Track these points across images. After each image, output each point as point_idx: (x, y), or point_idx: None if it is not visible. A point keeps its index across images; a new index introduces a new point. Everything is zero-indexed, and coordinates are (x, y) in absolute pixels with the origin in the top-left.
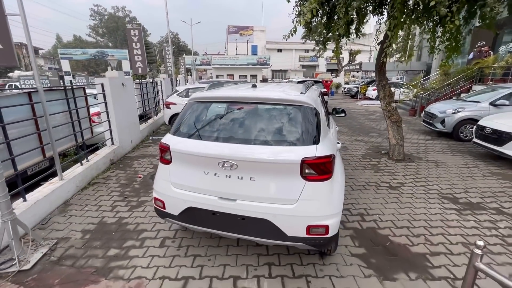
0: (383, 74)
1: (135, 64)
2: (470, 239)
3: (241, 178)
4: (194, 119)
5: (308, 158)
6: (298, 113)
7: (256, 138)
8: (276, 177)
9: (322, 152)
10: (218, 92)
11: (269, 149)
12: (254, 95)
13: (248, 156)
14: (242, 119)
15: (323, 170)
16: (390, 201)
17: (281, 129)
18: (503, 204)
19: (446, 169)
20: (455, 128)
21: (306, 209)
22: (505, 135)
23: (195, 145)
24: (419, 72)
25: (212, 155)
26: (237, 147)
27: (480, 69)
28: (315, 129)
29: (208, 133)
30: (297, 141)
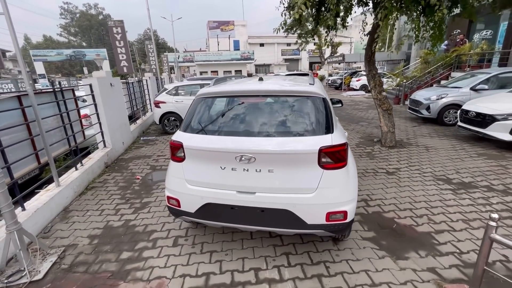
0: (372, 64)
1: (119, 63)
2: (468, 215)
3: (259, 171)
4: (205, 115)
5: (325, 147)
6: (310, 103)
7: (271, 130)
8: (294, 167)
9: (337, 141)
10: (227, 86)
11: (286, 140)
12: (265, 88)
13: (266, 148)
14: (255, 112)
15: (338, 158)
16: (390, 186)
17: (295, 120)
18: (492, 182)
19: (436, 153)
20: (440, 113)
21: (325, 196)
22: (488, 117)
23: (210, 141)
24: (399, 62)
25: (229, 150)
26: (254, 140)
27: (457, 56)
28: (328, 118)
29: (222, 127)
30: (312, 131)
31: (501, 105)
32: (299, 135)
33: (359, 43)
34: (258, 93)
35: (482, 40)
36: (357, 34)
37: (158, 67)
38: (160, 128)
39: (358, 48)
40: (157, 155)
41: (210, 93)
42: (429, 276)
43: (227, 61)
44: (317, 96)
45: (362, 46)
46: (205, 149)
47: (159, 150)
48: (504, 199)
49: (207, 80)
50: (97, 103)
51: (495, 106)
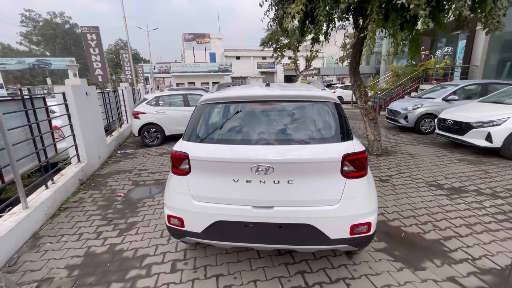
0: (357, 75)
1: (94, 72)
2: (468, 220)
3: (277, 182)
4: (212, 122)
5: (348, 154)
6: (326, 109)
7: (288, 138)
8: (316, 177)
9: (359, 148)
10: (234, 91)
11: (307, 148)
12: (275, 93)
13: (286, 157)
14: (268, 119)
15: (360, 166)
16: (387, 194)
17: (313, 127)
18: (479, 186)
19: (421, 159)
20: (417, 122)
21: (349, 208)
22: (464, 125)
23: (221, 151)
24: (370, 75)
25: (244, 160)
26: (271, 148)
27: (424, 70)
28: (345, 124)
29: (232, 135)
30: (333, 138)
31: (476, 114)
32: (320, 142)
33: (330, 57)
34: (270, 98)
35: (444, 56)
36: (328, 49)
37: (134, 77)
38: (139, 141)
39: (329, 62)
40: (138, 170)
41: (215, 98)
42: (452, 286)
43: (205, 73)
44: (332, 102)
45: (333, 60)
46: (216, 159)
47: (140, 163)
48: (495, 202)
49: (190, 90)
50: (71, 114)
51: (470, 115)
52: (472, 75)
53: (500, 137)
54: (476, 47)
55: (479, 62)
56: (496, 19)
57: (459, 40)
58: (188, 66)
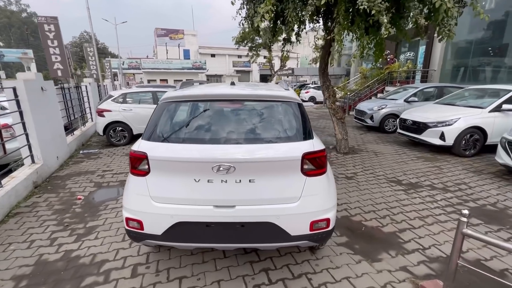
0: (326, 76)
1: (52, 66)
2: (422, 213)
3: (239, 181)
4: (173, 121)
5: (308, 152)
6: (288, 109)
7: (250, 137)
8: (277, 176)
9: (319, 146)
10: (197, 90)
11: (268, 147)
12: (239, 92)
13: (248, 156)
14: (231, 118)
15: (320, 164)
16: (351, 190)
17: (274, 126)
18: (433, 181)
19: (384, 157)
20: (381, 122)
21: (309, 205)
22: (422, 125)
23: (182, 150)
24: (341, 76)
25: (206, 159)
26: (233, 148)
27: (389, 73)
28: (307, 124)
29: (194, 135)
30: (294, 137)
31: (432, 114)
32: (281, 141)
33: (304, 58)
34: (233, 97)
35: (407, 60)
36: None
37: (99, 73)
38: (104, 140)
39: (303, 63)
40: (102, 170)
41: (178, 96)
42: (404, 275)
43: (178, 70)
44: (295, 102)
45: (307, 61)
46: (176, 159)
47: (104, 164)
48: (445, 196)
49: (160, 87)
50: (24, 111)
51: (427, 115)
52: (431, 79)
53: (452, 136)
54: (434, 53)
55: (437, 67)
56: (447, 27)
57: (420, 46)
58: (160, 62)
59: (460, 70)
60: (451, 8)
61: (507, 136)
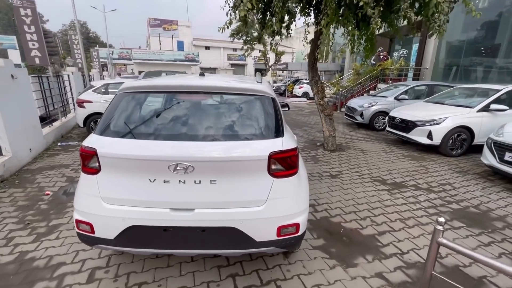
0: (315, 71)
1: (29, 53)
2: (403, 214)
3: (198, 182)
4: (129, 114)
5: (275, 152)
6: (258, 104)
7: (213, 133)
8: (241, 177)
9: (288, 145)
10: (160, 80)
11: (231, 145)
12: (207, 83)
13: (208, 154)
14: (194, 113)
15: (290, 165)
16: (334, 189)
17: (242, 123)
18: (418, 181)
19: (371, 155)
20: (371, 119)
21: (276, 208)
22: (410, 123)
23: (136, 146)
24: (335, 72)
25: (161, 157)
26: (193, 145)
27: (382, 70)
28: (277, 121)
29: (151, 130)
30: (261, 135)
31: (420, 113)
32: (246, 139)
33: (300, 53)
34: (199, 89)
35: (400, 58)
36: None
37: (85, 62)
38: (85, 132)
39: (299, 58)
40: (77, 164)
41: (137, 87)
42: (378, 282)
43: (170, 62)
44: (266, 96)
45: (302, 56)
46: (128, 156)
47: None
48: (429, 197)
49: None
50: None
51: (415, 114)
52: (423, 77)
53: (439, 135)
54: (426, 51)
55: (429, 65)
56: (437, 23)
57: (413, 44)
58: (152, 53)
59: (452, 69)
60: (442, 3)
61: (493, 136)
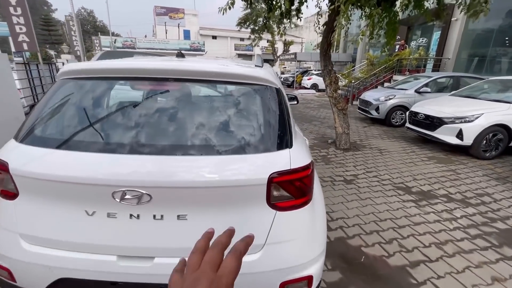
0: (328, 58)
1: (16, 38)
2: (438, 236)
3: (160, 218)
4: (67, 111)
5: (280, 172)
6: (257, 97)
7: (184, 143)
8: (225, 209)
9: (300, 161)
10: (118, 62)
11: (213, 162)
12: (182, 67)
13: (172, 177)
14: (162, 110)
15: (301, 190)
16: (350, 199)
17: (230, 127)
18: (449, 190)
19: (390, 156)
20: (388, 114)
21: (278, 257)
22: (436, 120)
23: (66, 162)
24: (346, 63)
25: (102, 180)
26: (149, 162)
27: (398, 60)
28: (284, 122)
29: (94, 137)
30: (259, 145)
31: (447, 108)
32: (235, 153)
33: (309, 43)
34: (169, 74)
35: (419, 47)
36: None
37: (82, 50)
38: None
39: (308, 48)
40: None
41: (81, 70)
42: None
43: (175, 51)
44: (268, 86)
45: (312, 46)
46: (52, 177)
47: None
48: (466, 211)
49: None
50: None
51: (442, 109)
52: (444, 68)
53: (471, 135)
54: (449, 40)
55: (451, 55)
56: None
57: (434, 32)
58: (156, 42)
59: (477, 60)
60: None
61: None
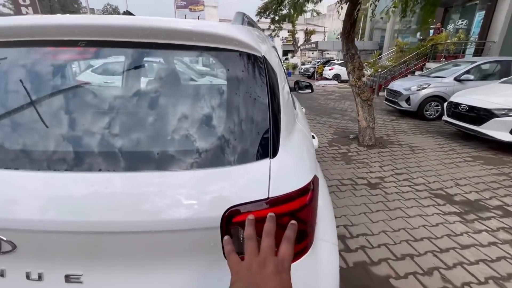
0: (351, 41)
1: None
2: (497, 267)
3: (37, 278)
4: None
5: (248, 205)
6: (222, 71)
7: (83, 148)
8: (147, 270)
9: (289, 180)
10: (26, 18)
11: (116, 183)
12: (104, 22)
13: (50, 215)
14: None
15: (297, 234)
16: (375, 209)
17: (171, 123)
18: (504, 200)
19: (424, 155)
20: (420, 106)
21: None
22: (483, 112)
23: None
24: (372, 52)
25: None
26: (11, 183)
27: (433, 46)
28: (264, 114)
29: None
30: (209, 152)
31: (498, 98)
32: (159, 168)
33: (332, 32)
34: (91, 34)
35: (458, 30)
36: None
37: None
38: None
39: (331, 37)
40: None
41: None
42: None
43: None
44: (245, 52)
45: (335, 35)
46: None
47: None
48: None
49: None
50: None
51: (490, 99)
52: (488, 53)
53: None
54: (495, 21)
55: (498, 37)
56: None
57: (476, 12)
58: None
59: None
60: None
61: None
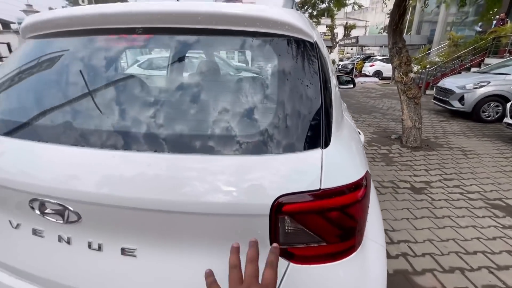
0: (399, 34)
1: None
2: None
3: (97, 248)
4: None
5: (299, 195)
6: (273, 56)
7: (137, 131)
8: (198, 250)
9: (343, 173)
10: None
11: (174, 164)
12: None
13: (113, 189)
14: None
15: (341, 228)
16: (419, 215)
17: (220, 108)
18: None
19: (479, 161)
20: (476, 106)
21: None
22: None
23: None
24: (420, 47)
25: (11, 183)
26: (78, 156)
27: (495, 39)
28: (317, 102)
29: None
30: (259, 139)
31: None
32: (211, 151)
33: (374, 27)
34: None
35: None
36: (373, 17)
37: None
38: None
39: (373, 32)
40: None
41: (44, 21)
42: None
43: None
44: (295, 38)
45: (378, 30)
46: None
47: None
48: None
49: None
50: None
51: None
52: None
53: None
54: None
55: None
56: None
57: None
58: None
59: None
60: None
61: None
